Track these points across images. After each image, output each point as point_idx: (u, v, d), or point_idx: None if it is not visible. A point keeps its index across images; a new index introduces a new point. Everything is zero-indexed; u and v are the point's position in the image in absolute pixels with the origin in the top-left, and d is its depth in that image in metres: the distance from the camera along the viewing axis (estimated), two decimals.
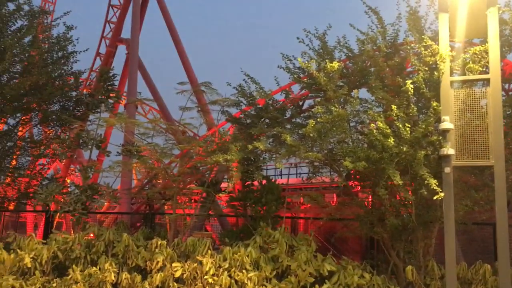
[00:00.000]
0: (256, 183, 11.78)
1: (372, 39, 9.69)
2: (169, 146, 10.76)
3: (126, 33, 33.74)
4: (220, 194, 9.95)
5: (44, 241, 9.49)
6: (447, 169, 8.19)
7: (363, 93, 10.31)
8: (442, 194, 7.69)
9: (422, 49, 8.80)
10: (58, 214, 11.70)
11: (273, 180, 11.68)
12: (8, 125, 12.30)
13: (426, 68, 8.81)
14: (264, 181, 11.78)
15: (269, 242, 9.85)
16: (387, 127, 8.08)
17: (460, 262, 9.55)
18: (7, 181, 12.46)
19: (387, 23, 9.79)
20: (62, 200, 10.47)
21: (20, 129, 12.21)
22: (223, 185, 13.94)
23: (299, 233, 10.65)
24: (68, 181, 16.26)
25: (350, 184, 10.59)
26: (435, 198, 7.69)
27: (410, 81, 8.29)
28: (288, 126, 10.30)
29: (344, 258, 9.90)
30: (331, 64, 8.69)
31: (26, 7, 11.54)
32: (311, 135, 8.62)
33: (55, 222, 14.02)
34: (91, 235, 9.98)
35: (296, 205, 15.07)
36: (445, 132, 8.24)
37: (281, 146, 8.98)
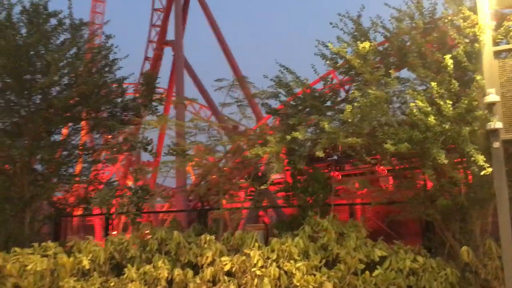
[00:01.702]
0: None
1: (408, 15, 9.38)
2: (212, 143, 10.91)
3: (171, 35, 34.56)
4: (263, 186, 9.96)
5: (101, 243, 9.93)
6: (496, 144, 7.84)
7: (406, 73, 10.04)
8: (489, 170, 7.38)
9: (461, 21, 8.43)
10: (114, 216, 12.22)
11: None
12: (62, 135, 12.90)
13: (467, 41, 8.45)
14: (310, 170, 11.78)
15: (318, 231, 9.82)
16: (427, 105, 7.82)
17: None
18: (65, 188, 13.11)
19: None
20: (116, 203, 10.88)
21: (73, 138, 12.78)
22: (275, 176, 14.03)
23: (349, 220, 10.53)
24: (130, 183, 16.81)
25: (402, 166, 10.35)
26: (482, 174, 7.38)
27: (449, 55, 7.96)
28: (329, 114, 10.19)
29: (396, 242, 9.72)
30: (362, 45, 8.48)
31: (67, 21, 12.00)
32: (349, 120, 8.49)
33: (118, 224, 14.66)
34: (149, 235, 10.35)
35: (352, 192, 14.87)
36: (491, 105, 7.87)
37: (322, 134, 8.88)
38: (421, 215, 10.05)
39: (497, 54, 8.21)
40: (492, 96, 7.84)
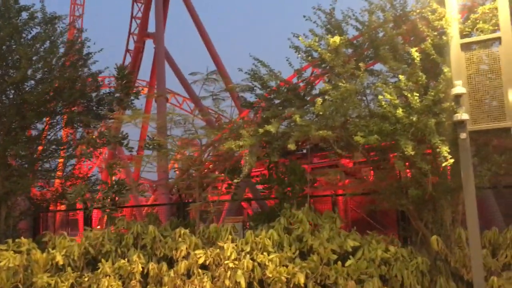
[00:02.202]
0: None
1: (380, 7, 9.46)
2: (189, 137, 10.93)
3: (152, 28, 34.12)
4: (235, 180, 10.04)
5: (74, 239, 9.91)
6: (463, 135, 7.99)
7: (381, 65, 10.12)
8: (451, 161, 7.55)
9: (429, 13, 8.54)
10: (94, 211, 12.19)
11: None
12: (37, 130, 12.79)
13: (436, 33, 8.56)
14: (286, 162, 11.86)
15: (293, 222, 9.92)
16: (395, 97, 7.93)
17: (500, 227, 9.40)
18: (40, 184, 13.02)
19: None
20: (91, 197, 10.86)
21: (48, 133, 12.67)
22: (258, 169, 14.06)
23: (325, 211, 10.65)
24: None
25: (375, 158, 10.48)
26: (443, 165, 7.54)
27: (415, 49, 8.08)
28: (303, 107, 10.25)
29: (369, 232, 9.88)
30: (332, 39, 8.55)
31: (39, 15, 11.86)
32: (321, 113, 8.58)
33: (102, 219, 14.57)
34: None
35: (334, 183, 14.99)
36: (457, 97, 8.01)
37: (294, 128, 8.96)
38: (395, 205, 10.22)
39: (464, 46, 8.33)
40: (459, 88, 7.98)
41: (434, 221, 9.60)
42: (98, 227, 14.99)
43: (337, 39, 8.54)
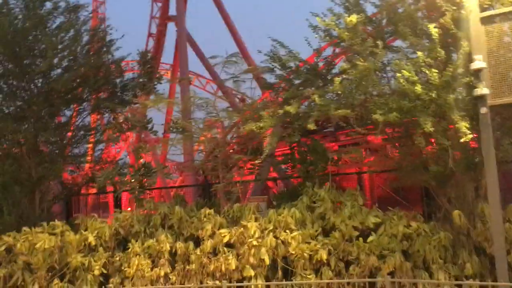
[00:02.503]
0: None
1: None
2: (212, 119, 11.15)
3: (174, 11, 34.24)
4: (257, 161, 10.24)
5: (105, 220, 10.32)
6: (483, 109, 7.97)
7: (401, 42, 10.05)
8: (469, 136, 7.55)
9: None
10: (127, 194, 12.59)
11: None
12: (66, 117, 13.22)
13: (454, 8, 8.47)
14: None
15: (315, 201, 10.09)
16: (413, 74, 7.94)
17: None
18: (71, 169, 13.51)
19: None
20: (119, 181, 11.24)
21: (77, 119, 13.09)
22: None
23: (347, 189, 10.77)
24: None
25: (396, 135, 10.49)
26: (462, 140, 7.57)
27: (433, 24, 8.03)
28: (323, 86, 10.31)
29: (391, 209, 9.97)
30: (349, 18, 8.57)
31: (62, 5, 12.16)
32: (339, 92, 8.66)
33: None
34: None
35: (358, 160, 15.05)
36: (477, 71, 7.97)
37: (313, 107, 9.06)
38: (418, 181, 10.28)
39: (484, 20, 8.23)
40: (479, 62, 7.93)
41: (457, 196, 9.62)
42: (129, 209, 15.42)
43: (353, 18, 8.56)
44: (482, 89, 7.87)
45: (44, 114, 12.39)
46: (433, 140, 8.89)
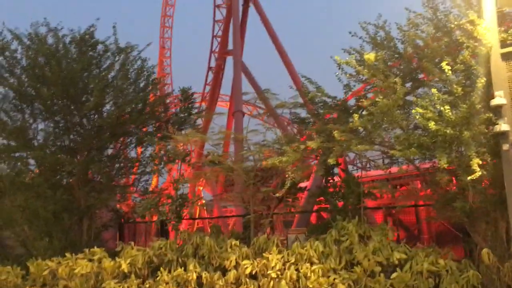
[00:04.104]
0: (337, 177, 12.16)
1: (414, 23, 9.52)
2: (243, 154, 11.59)
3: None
4: (277, 194, 10.51)
5: (143, 248, 10.90)
6: (505, 146, 7.85)
7: None
8: (477, 174, 7.44)
9: (467, 24, 8.48)
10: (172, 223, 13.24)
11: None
12: (115, 149, 14.19)
13: (476, 44, 8.47)
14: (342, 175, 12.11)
15: (343, 234, 10.16)
16: (428, 111, 7.98)
17: None
18: (118, 198, 14.39)
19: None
20: (158, 211, 11.88)
21: (124, 151, 14.03)
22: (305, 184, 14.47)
23: (380, 224, 10.76)
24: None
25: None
26: (469, 178, 7.48)
27: (445, 62, 8.08)
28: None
29: (419, 244, 9.85)
30: (367, 55, 8.78)
31: (113, 47, 13.26)
32: (360, 128, 8.82)
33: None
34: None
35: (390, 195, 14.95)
36: (498, 108, 7.89)
37: (334, 142, 9.26)
38: (448, 217, 10.10)
39: (505, 56, 8.17)
40: (499, 99, 7.86)
41: (491, 233, 9.36)
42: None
43: (371, 55, 8.76)
44: (503, 126, 7.77)
45: (95, 147, 13.41)
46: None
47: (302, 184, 13.89)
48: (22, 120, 13.19)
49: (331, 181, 12.27)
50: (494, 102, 7.89)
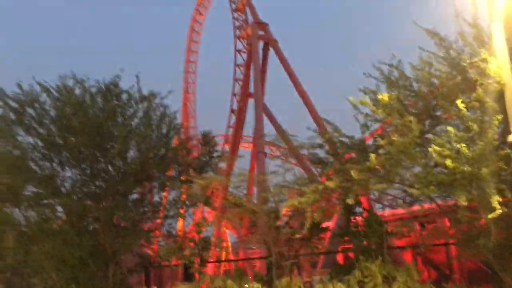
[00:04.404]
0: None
1: (427, 62, 9.70)
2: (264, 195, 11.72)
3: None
4: (297, 235, 10.52)
5: None
6: None
7: None
8: (498, 212, 7.37)
9: (480, 63, 8.62)
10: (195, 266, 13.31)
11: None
12: (138, 193, 14.46)
13: (490, 81, 8.57)
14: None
15: (367, 275, 10.06)
16: (443, 149, 8.02)
17: None
18: (143, 243, 14.56)
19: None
20: (180, 255, 11.98)
21: (147, 196, 14.28)
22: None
23: (406, 263, 10.64)
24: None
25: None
26: (489, 216, 7.40)
27: (460, 100, 8.18)
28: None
29: (449, 284, 9.68)
30: (381, 96, 8.95)
31: (136, 95, 13.77)
32: (377, 167, 8.88)
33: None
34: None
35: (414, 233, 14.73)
36: None
37: (352, 182, 9.33)
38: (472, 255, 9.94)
39: None
40: None
41: None
42: None
43: (385, 96, 8.92)
44: None
45: (120, 192, 13.70)
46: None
47: (326, 224, 13.87)
48: (51, 168, 13.63)
49: (353, 220, 12.24)
50: (510, 138, 7.91)
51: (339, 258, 20.54)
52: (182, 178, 13.66)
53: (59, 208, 13.62)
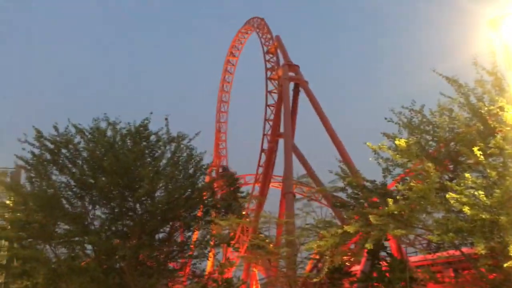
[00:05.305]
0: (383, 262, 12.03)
1: (447, 109, 9.80)
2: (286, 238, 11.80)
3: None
4: (315, 279, 10.48)
5: None
6: None
7: None
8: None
9: (498, 110, 8.68)
10: None
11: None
12: (166, 233, 14.74)
13: (508, 128, 8.59)
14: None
15: None
16: (461, 196, 8.02)
17: None
18: (165, 283, 14.71)
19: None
20: None
21: (174, 235, 14.55)
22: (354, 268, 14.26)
23: None
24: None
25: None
26: (505, 265, 7.29)
27: (478, 147, 8.21)
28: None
29: None
30: (398, 141, 9.06)
31: (165, 137, 14.27)
32: (395, 212, 8.90)
33: None
34: None
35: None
36: None
37: (371, 227, 9.35)
38: None
39: None
40: None
41: None
42: None
43: (402, 141, 9.03)
44: None
45: (146, 231, 14.02)
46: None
47: (354, 269, 13.75)
48: (82, 207, 14.12)
49: (378, 266, 12.15)
50: None
51: None
52: (207, 218, 13.88)
53: (88, 246, 14.01)
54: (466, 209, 7.86)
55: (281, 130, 38.02)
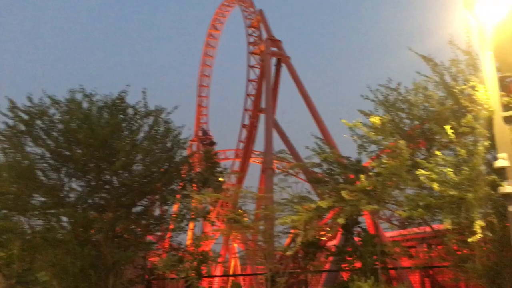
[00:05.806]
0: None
1: (422, 87, 9.91)
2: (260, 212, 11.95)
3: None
4: (288, 252, 10.71)
5: None
6: (510, 208, 7.89)
7: None
8: (478, 236, 7.50)
9: (470, 89, 8.80)
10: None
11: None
12: (143, 206, 14.77)
13: (479, 107, 8.73)
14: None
15: None
16: (431, 173, 8.19)
17: None
18: (142, 255, 14.82)
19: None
20: (179, 268, 12.21)
21: (151, 209, 14.59)
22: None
23: (398, 284, 10.74)
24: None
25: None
26: (469, 240, 7.53)
27: (449, 126, 8.36)
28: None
29: None
30: (372, 119, 9.17)
31: (143, 110, 14.16)
32: (367, 188, 9.08)
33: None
34: None
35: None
36: (501, 170, 8.00)
37: (344, 202, 9.52)
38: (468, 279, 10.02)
39: (508, 119, 8.35)
40: (502, 161, 7.98)
41: None
42: None
43: (376, 119, 9.14)
44: (507, 188, 7.85)
45: (123, 204, 14.03)
46: None
47: (331, 243, 14.03)
48: (57, 179, 14.01)
49: (352, 240, 12.40)
50: (497, 164, 8.01)
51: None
52: (184, 193, 13.93)
53: (64, 218, 13.97)
54: (435, 185, 8.04)
55: (263, 105, 38.17)
